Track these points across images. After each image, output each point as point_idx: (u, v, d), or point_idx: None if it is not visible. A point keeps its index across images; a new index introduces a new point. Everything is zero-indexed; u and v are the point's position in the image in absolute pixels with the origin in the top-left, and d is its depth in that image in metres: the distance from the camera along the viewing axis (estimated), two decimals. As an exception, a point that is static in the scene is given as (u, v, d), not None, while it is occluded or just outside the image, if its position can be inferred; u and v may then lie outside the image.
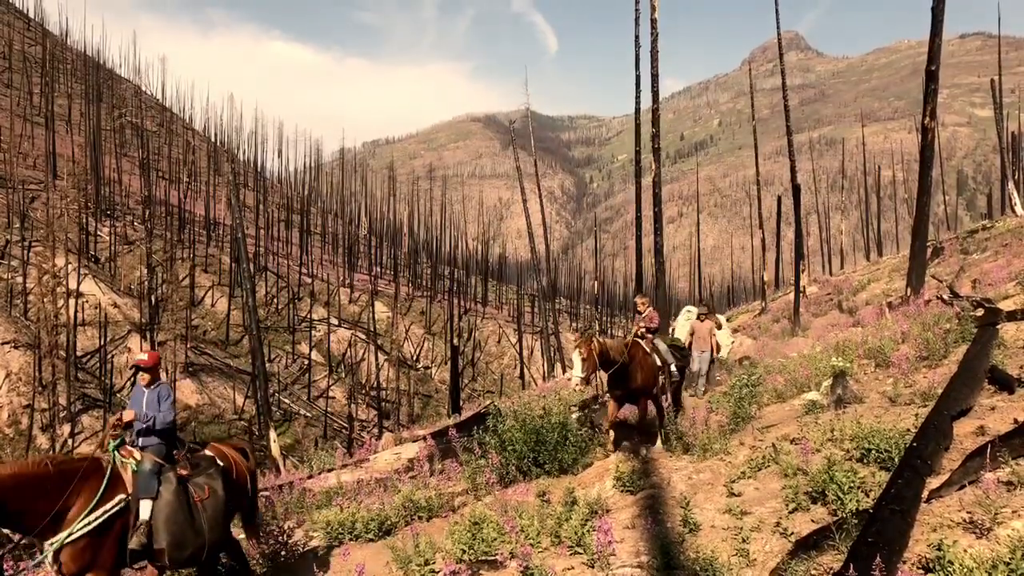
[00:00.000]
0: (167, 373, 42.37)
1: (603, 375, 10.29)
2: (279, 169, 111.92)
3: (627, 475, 8.47)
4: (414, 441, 17.51)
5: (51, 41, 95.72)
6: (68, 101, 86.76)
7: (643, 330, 10.88)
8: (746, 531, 6.01)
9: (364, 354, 61.85)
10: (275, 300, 66.24)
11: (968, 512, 5.31)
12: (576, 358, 9.57)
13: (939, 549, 4.71)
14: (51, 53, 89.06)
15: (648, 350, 10.51)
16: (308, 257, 79.94)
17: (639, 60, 29.22)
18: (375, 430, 47.05)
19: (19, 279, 46.60)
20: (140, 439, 6.80)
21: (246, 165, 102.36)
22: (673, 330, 17.84)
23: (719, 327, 16.97)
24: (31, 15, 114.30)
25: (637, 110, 29.93)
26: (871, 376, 11.11)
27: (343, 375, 58.14)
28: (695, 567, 5.65)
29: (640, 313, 11.28)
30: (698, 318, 15.90)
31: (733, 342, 18.34)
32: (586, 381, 9.78)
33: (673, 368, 10.92)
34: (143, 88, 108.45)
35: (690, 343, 15.24)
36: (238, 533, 8.14)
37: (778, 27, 33.57)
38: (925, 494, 5.63)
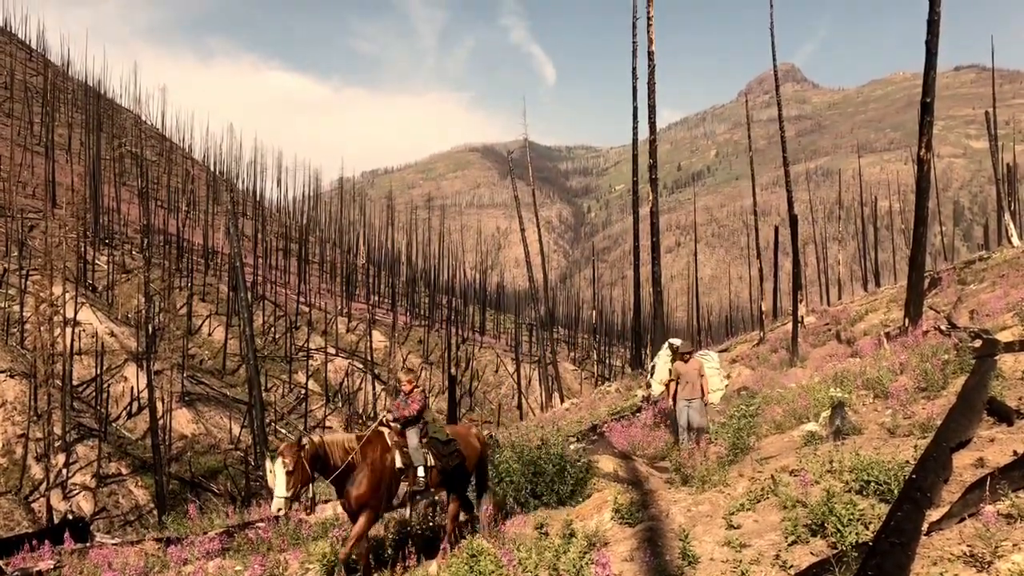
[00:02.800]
0: (163, 402, 42.22)
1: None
2: (278, 198, 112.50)
3: (626, 507, 8.42)
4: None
5: (52, 71, 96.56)
6: (68, 130, 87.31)
7: (391, 419, 8.62)
8: (745, 564, 5.96)
9: (361, 383, 61.67)
10: (272, 329, 66.16)
11: (968, 545, 5.28)
12: (278, 470, 7.33)
13: (940, 583, 4.68)
14: (52, 83, 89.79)
15: (390, 445, 8.30)
16: (306, 286, 79.96)
17: (636, 92, 29.56)
18: (372, 460, 46.73)
19: (16, 308, 46.58)
20: None
21: (245, 194, 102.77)
22: (653, 368, 15.34)
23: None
24: (33, 46, 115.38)
25: (635, 141, 30.23)
26: (870, 407, 11.08)
27: (340, 404, 57.92)
28: (694, 601, 5.61)
29: (405, 393, 8.79)
30: (681, 358, 13.28)
31: (727, 385, 15.37)
32: (293, 501, 7.40)
33: (421, 472, 8.29)
34: (143, 117, 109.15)
35: (674, 392, 13.11)
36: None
37: (774, 59, 33.93)
38: (925, 527, 5.60)
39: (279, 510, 7.32)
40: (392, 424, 8.53)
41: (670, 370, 13.72)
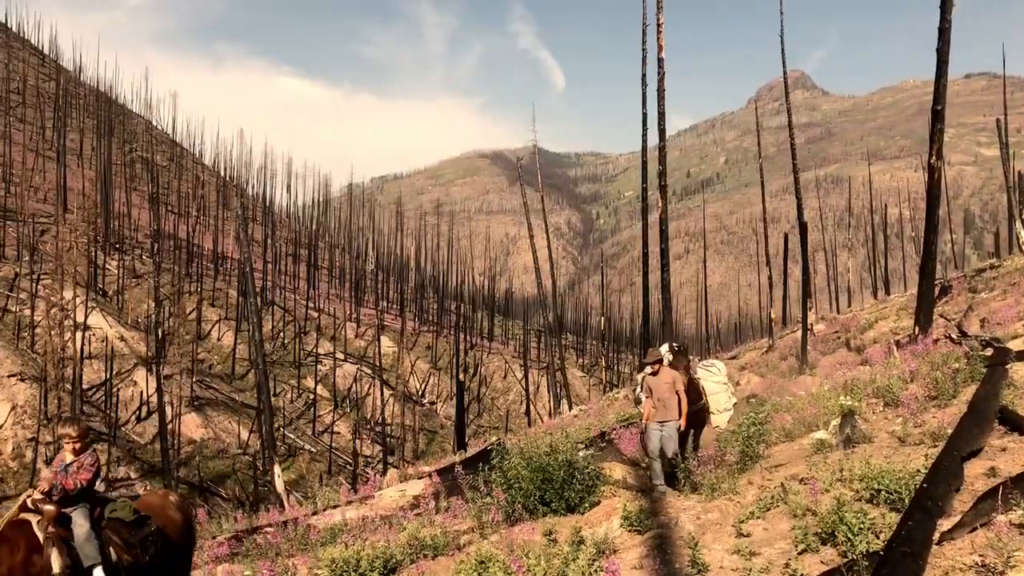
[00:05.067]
0: (172, 407, 42.33)
1: None
2: (288, 204, 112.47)
3: (635, 514, 8.40)
4: (419, 478, 17.41)
5: (64, 76, 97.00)
6: (80, 136, 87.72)
7: (39, 498, 5.80)
8: (755, 572, 5.95)
9: (369, 389, 61.69)
10: (281, 334, 66.25)
11: (980, 555, 5.25)
12: None
13: (951, 593, 4.66)
14: (64, 88, 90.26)
15: (42, 538, 5.59)
16: (315, 291, 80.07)
17: (646, 98, 29.47)
18: (380, 466, 46.77)
19: (27, 312, 46.79)
20: None
21: (255, 200, 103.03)
22: (642, 381, 11.92)
23: (690, 375, 11.32)
24: (45, 51, 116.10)
25: (644, 148, 30.18)
26: (880, 415, 11.04)
27: (348, 410, 57.95)
28: (703, 609, 5.59)
29: (74, 453, 6.12)
30: (650, 368, 10.61)
31: (735, 402, 12.35)
32: None
33: (100, 574, 5.69)
34: (154, 123, 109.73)
35: (647, 412, 10.59)
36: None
37: (784, 66, 33.87)
38: (936, 536, 5.58)
39: None
40: (45, 507, 5.71)
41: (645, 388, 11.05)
